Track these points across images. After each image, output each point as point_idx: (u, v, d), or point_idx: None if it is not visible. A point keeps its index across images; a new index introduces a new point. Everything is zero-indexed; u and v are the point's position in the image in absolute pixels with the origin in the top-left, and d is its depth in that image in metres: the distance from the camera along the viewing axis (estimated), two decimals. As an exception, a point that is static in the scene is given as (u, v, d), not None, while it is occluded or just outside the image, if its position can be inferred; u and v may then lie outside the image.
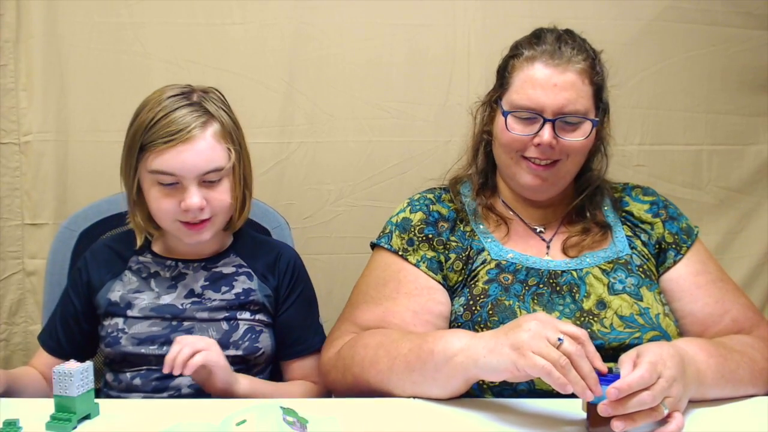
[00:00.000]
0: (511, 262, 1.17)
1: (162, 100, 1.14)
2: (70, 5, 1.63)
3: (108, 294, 1.20)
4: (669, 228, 1.22)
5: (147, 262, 1.24)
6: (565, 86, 1.12)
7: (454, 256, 1.19)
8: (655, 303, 1.14)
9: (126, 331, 1.17)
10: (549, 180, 1.17)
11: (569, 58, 1.13)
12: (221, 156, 1.14)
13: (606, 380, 0.87)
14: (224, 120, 1.16)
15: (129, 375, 1.17)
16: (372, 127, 1.72)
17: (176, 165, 1.11)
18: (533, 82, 1.13)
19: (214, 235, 1.19)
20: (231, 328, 1.19)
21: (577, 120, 1.13)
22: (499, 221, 1.22)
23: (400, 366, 1.01)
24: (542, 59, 1.13)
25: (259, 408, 0.90)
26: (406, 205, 1.25)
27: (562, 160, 1.16)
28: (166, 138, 1.10)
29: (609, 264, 1.17)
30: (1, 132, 1.64)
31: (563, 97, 1.11)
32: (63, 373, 0.92)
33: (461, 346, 0.96)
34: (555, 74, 1.12)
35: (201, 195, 1.12)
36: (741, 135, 1.80)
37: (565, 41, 1.15)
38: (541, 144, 1.12)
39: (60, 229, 1.42)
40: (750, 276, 1.81)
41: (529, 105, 1.13)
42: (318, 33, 1.69)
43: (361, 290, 1.21)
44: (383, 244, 1.21)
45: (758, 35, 1.76)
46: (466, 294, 1.15)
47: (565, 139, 1.13)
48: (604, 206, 1.25)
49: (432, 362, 0.98)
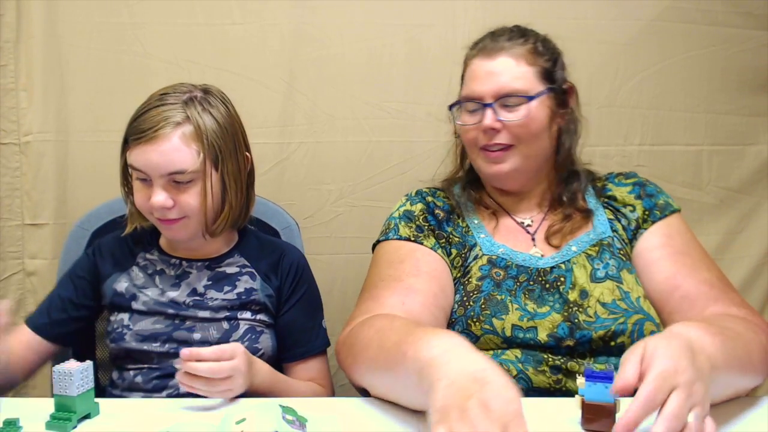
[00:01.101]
0: (502, 257, 1.18)
1: (153, 96, 1.15)
2: (70, 5, 1.64)
3: (114, 284, 1.21)
4: (645, 205, 1.22)
5: (153, 259, 1.25)
6: (498, 71, 1.18)
7: (455, 252, 1.20)
8: (636, 286, 1.14)
9: (131, 328, 1.18)
10: (505, 164, 1.20)
11: (502, 46, 1.20)
12: (186, 159, 1.12)
13: (601, 378, 0.87)
14: (201, 123, 1.13)
15: (132, 373, 1.18)
16: (372, 127, 1.72)
17: (142, 162, 1.12)
18: (472, 75, 1.22)
19: (191, 235, 1.19)
20: (231, 327, 1.19)
21: (517, 101, 1.17)
22: (490, 214, 1.25)
23: (382, 359, 0.95)
24: (479, 55, 1.22)
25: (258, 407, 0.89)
26: (404, 200, 1.27)
27: (515, 145, 1.18)
28: (137, 134, 1.12)
29: (594, 247, 1.19)
30: (1, 132, 1.64)
31: (497, 80, 1.18)
32: (63, 372, 0.92)
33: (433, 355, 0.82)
34: (488, 62, 1.20)
35: (167, 195, 1.13)
36: (741, 135, 1.80)
37: (501, 33, 1.22)
38: (485, 128, 1.18)
39: (73, 227, 1.42)
40: (750, 276, 1.81)
41: (470, 95, 1.21)
42: (318, 33, 1.69)
43: (374, 274, 1.19)
44: (392, 237, 1.21)
45: (758, 35, 1.76)
46: (460, 291, 1.16)
47: (508, 120, 1.17)
48: (587, 194, 1.26)
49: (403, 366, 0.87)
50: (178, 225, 1.16)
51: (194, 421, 0.95)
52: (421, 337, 0.87)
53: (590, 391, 0.88)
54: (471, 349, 0.82)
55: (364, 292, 1.18)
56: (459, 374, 0.77)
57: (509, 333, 1.09)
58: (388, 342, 0.94)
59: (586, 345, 1.10)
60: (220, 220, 1.19)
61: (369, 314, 1.08)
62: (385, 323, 1.01)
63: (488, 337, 1.11)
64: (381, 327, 1.01)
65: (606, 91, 1.75)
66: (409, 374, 0.85)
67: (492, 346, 1.11)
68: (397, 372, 0.90)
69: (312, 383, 1.23)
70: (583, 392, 0.89)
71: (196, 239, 1.20)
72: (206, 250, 1.25)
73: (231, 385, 1.00)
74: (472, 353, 0.81)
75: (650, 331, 1.10)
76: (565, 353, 1.10)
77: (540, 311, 1.12)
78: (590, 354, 1.10)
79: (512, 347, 1.10)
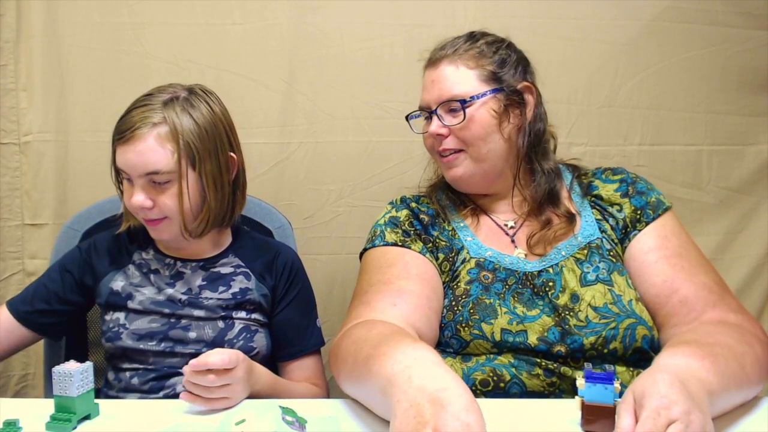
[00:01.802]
0: (489, 260, 1.17)
1: (138, 98, 1.17)
2: (70, 5, 1.64)
3: (110, 283, 1.21)
4: (635, 203, 1.20)
5: (149, 258, 1.25)
6: (439, 79, 1.21)
7: (442, 256, 1.20)
8: (628, 288, 1.13)
9: (127, 327, 1.18)
10: (458, 168, 1.22)
11: (445, 54, 1.22)
12: (161, 159, 1.12)
13: (600, 379, 0.87)
14: (177, 123, 1.13)
15: (128, 374, 1.18)
16: (372, 127, 1.72)
17: (122, 162, 1.14)
18: (423, 85, 1.26)
19: (175, 235, 1.19)
20: (226, 326, 1.19)
21: (457, 105, 1.19)
22: (472, 215, 1.25)
23: (355, 371, 0.95)
24: (427, 66, 1.26)
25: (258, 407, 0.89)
26: (389, 208, 1.28)
27: (465, 149, 1.20)
28: (117, 135, 1.15)
29: (582, 251, 1.17)
30: (1, 132, 1.65)
31: (438, 88, 1.21)
32: (63, 373, 0.92)
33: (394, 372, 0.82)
34: (432, 71, 1.24)
35: (146, 195, 1.14)
36: (741, 135, 1.80)
37: (449, 43, 1.24)
38: (433, 134, 1.22)
39: (63, 228, 1.42)
40: (750, 276, 1.81)
41: (420, 105, 1.26)
42: (318, 33, 1.69)
43: (363, 280, 1.18)
44: (378, 244, 1.21)
45: (758, 35, 1.76)
46: (449, 295, 1.16)
47: (451, 124, 1.19)
48: (573, 193, 1.25)
49: (368, 381, 0.88)
50: (161, 225, 1.17)
51: (194, 422, 0.95)
52: (385, 351, 0.86)
53: (590, 393, 0.88)
54: (435, 363, 0.81)
55: (355, 299, 1.17)
56: (417, 395, 0.76)
57: (498, 337, 1.08)
58: (361, 355, 0.93)
59: (578, 353, 1.08)
60: (199, 221, 1.18)
61: (360, 320, 1.08)
62: (362, 333, 1.01)
63: (478, 342, 1.09)
64: (357, 338, 1.00)
65: (606, 91, 1.75)
66: (375, 390, 0.85)
67: (482, 351, 1.09)
68: (366, 386, 0.90)
69: (308, 384, 1.23)
70: (582, 393, 0.89)
71: (182, 240, 1.20)
72: (199, 251, 1.25)
73: (228, 394, 0.99)
74: (434, 368, 0.80)
75: (642, 335, 1.08)
76: (557, 359, 1.08)
77: (530, 314, 1.11)
78: (584, 360, 1.08)
79: (503, 352, 1.09)
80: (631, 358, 1.09)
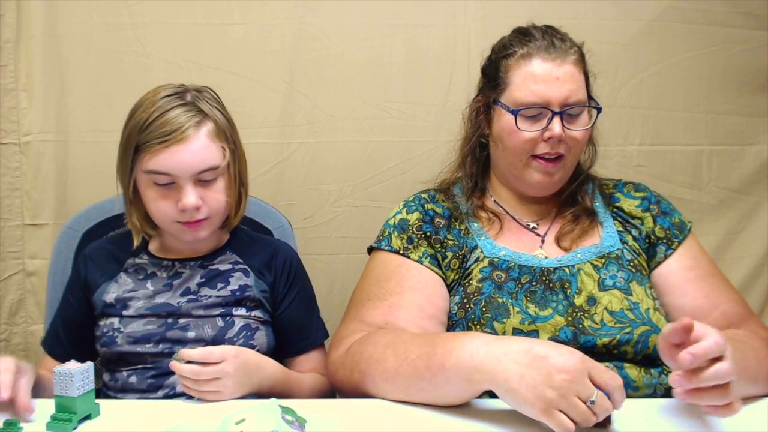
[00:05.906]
0: (504, 259, 1.17)
1: (156, 101, 1.14)
2: (70, 5, 1.63)
3: (103, 296, 1.21)
4: (661, 223, 1.23)
5: (143, 263, 1.24)
6: (566, 78, 1.14)
7: (450, 255, 1.19)
8: (646, 298, 1.14)
9: (122, 330, 1.17)
10: (556, 175, 1.19)
11: (564, 51, 1.16)
12: (216, 155, 1.15)
13: None
14: (218, 119, 1.16)
15: (125, 374, 1.18)
16: (372, 127, 1.72)
17: (171, 165, 1.12)
18: (535, 77, 1.14)
19: (211, 233, 1.20)
20: (226, 324, 1.19)
21: (580, 110, 1.16)
22: (491, 218, 1.23)
23: (407, 370, 0.98)
24: (539, 55, 1.15)
25: (258, 407, 0.90)
26: (401, 207, 1.26)
27: (566, 155, 1.17)
28: (161, 138, 1.11)
29: (600, 259, 1.18)
30: (1, 132, 1.64)
31: (566, 88, 1.13)
32: (63, 373, 0.92)
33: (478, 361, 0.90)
34: (554, 67, 1.14)
35: (197, 194, 1.13)
36: (741, 135, 1.80)
37: (553, 35, 1.18)
38: (552, 137, 1.14)
39: (63, 229, 1.42)
40: (750, 276, 1.81)
41: (535, 101, 1.14)
42: (318, 33, 1.69)
43: (363, 289, 1.21)
44: (383, 247, 1.22)
45: (758, 35, 1.76)
46: (460, 293, 1.16)
47: (572, 129, 1.15)
48: (595, 201, 1.26)
49: (443, 376, 0.94)
50: (204, 225, 1.17)
51: (194, 421, 0.95)
52: (451, 347, 0.93)
53: None
54: (499, 339, 0.91)
55: (351, 308, 1.20)
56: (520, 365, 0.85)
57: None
58: (412, 354, 0.98)
59: (590, 351, 1.07)
60: (240, 211, 1.23)
61: (357, 334, 1.11)
62: (392, 338, 1.04)
63: None
64: (390, 342, 1.03)
65: (606, 91, 1.75)
66: (452, 381, 0.93)
67: None
68: (434, 381, 0.95)
69: (316, 374, 1.24)
70: None
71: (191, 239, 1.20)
72: (197, 249, 1.25)
73: (218, 387, 1.02)
74: (506, 344, 0.89)
75: (655, 343, 1.08)
76: None
77: (542, 314, 1.11)
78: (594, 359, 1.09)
79: None
80: (641, 361, 1.11)
